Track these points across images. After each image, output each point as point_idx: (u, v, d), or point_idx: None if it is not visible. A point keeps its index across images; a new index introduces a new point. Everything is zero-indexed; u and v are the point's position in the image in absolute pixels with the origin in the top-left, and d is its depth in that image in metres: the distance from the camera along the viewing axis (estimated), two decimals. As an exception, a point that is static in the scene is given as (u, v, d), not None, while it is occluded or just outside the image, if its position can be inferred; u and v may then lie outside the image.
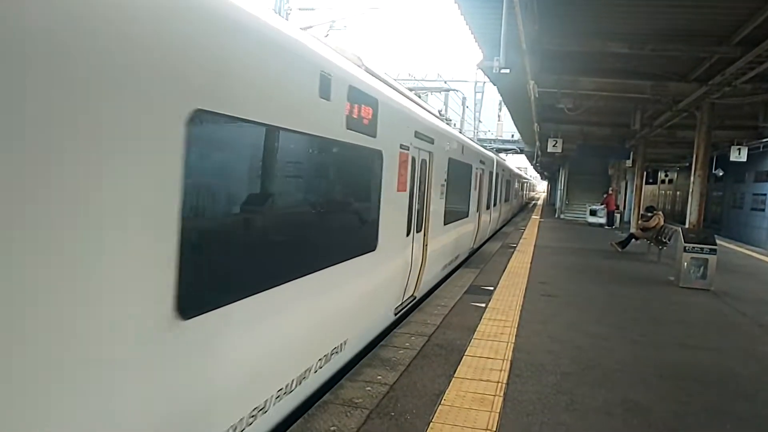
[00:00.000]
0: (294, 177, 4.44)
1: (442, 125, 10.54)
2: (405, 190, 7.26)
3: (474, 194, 13.97)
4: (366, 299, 6.08)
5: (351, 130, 5.07)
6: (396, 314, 7.54)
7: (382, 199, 6.23)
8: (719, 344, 7.19)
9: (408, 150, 7.28)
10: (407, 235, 7.61)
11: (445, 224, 10.14)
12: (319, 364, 4.83)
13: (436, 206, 9.24)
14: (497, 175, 19.71)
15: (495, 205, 19.71)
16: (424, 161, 8.24)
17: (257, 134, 3.65)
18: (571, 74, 12.54)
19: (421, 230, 8.41)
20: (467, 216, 13.12)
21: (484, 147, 22.40)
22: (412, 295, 8.32)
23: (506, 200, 25.98)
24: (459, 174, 11.44)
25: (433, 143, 8.62)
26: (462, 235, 12.51)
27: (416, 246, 8.07)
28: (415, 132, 7.61)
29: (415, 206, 7.84)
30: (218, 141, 3.32)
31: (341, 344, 5.35)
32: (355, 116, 5.18)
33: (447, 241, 10.74)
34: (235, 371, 3.44)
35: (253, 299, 3.60)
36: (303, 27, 11.62)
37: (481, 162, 15.13)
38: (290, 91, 3.95)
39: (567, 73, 12.48)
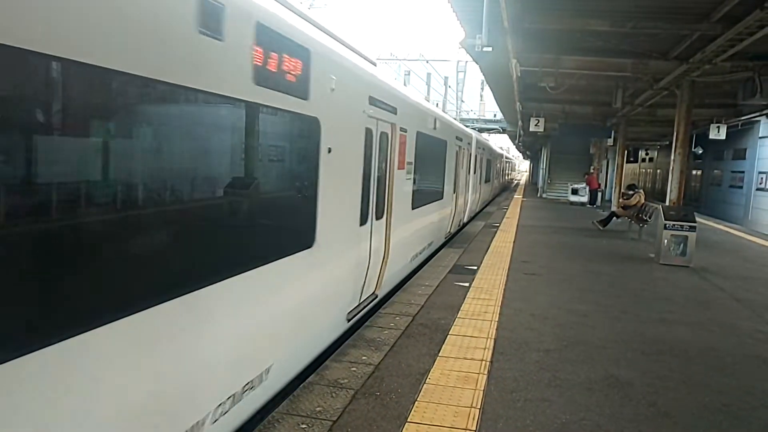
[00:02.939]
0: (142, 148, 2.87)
1: (410, 94, 9.24)
2: (357, 170, 6.05)
3: (450, 174, 12.91)
4: (299, 311, 4.76)
5: (263, 86, 3.74)
6: (350, 319, 6.27)
7: (320, 182, 4.89)
8: (698, 319, 7.31)
9: (361, 119, 6.07)
10: (363, 224, 6.38)
11: (413, 208, 9.13)
12: (219, 410, 3.52)
13: (402, 188, 8.12)
14: (477, 153, 18.69)
15: (475, 185, 18.69)
16: (384, 134, 7.01)
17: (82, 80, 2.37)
18: (553, 53, 12.52)
19: (382, 217, 7.22)
20: (441, 198, 12.16)
21: (467, 126, 21.63)
22: (373, 293, 7.21)
23: (487, 180, 24.82)
24: (431, 151, 10.30)
25: (395, 113, 7.37)
26: (436, 220, 11.60)
27: (375, 236, 6.91)
28: (371, 98, 6.30)
29: (373, 189, 6.66)
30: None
31: (261, 374, 4.10)
32: (270, 68, 3.82)
33: (416, 227, 9.66)
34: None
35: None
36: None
37: (459, 139, 14.05)
38: (137, 16, 2.61)
39: (549, 52, 12.46)
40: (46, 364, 2.26)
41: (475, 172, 18.35)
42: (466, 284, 8.39)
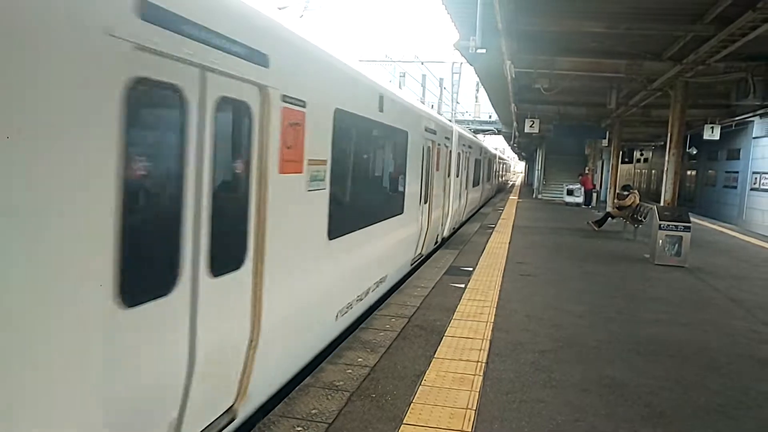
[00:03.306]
0: None
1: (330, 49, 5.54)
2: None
3: (415, 179, 9.58)
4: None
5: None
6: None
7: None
8: (693, 319, 7.34)
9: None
10: (168, 293, 3.09)
11: (334, 237, 5.61)
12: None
13: (292, 209, 4.64)
14: (461, 152, 15.40)
15: (458, 191, 15.27)
16: (237, 106, 3.72)
17: None
18: (547, 54, 12.53)
19: (235, 268, 3.75)
20: (401, 212, 8.74)
21: (474, 136, 21.18)
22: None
23: (476, 184, 20.95)
24: (375, 144, 7.42)
25: (266, 64, 3.93)
26: (390, 243, 8.26)
27: (208, 314, 3.41)
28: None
29: (204, 214, 3.35)
30: None
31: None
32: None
33: (343, 265, 6.11)
34: None
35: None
36: (279, 8, 11.43)
37: (430, 131, 10.81)
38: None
39: (543, 53, 12.47)
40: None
41: (458, 175, 15.07)
42: (462, 285, 8.40)
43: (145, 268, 2.95)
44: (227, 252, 3.66)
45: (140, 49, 2.68)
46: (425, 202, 10.66)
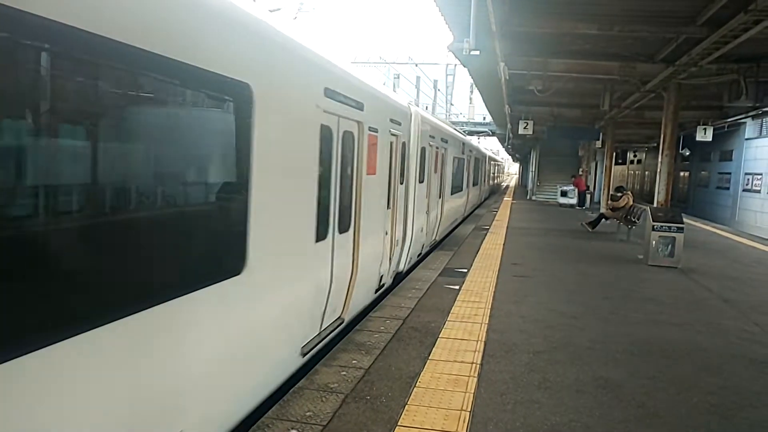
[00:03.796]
0: None
1: None
2: None
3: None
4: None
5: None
6: None
7: None
8: (687, 320, 7.37)
9: None
10: None
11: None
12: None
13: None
14: (431, 147, 11.51)
15: (425, 202, 11.33)
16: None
17: None
18: (541, 56, 12.58)
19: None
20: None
21: (455, 130, 19.65)
22: None
23: (457, 190, 16.94)
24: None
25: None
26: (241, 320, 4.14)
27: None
28: None
29: None
30: None
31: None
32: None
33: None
34: None
35: None
36: (271, 9, 11.40)
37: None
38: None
39: (537, 55, 12.52)
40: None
41: (422, 181, 10.85)
42: (457, 287, 8.40)
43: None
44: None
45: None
46: (345, 231, 6.23)
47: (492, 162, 39.16)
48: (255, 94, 3.75)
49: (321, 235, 5.36)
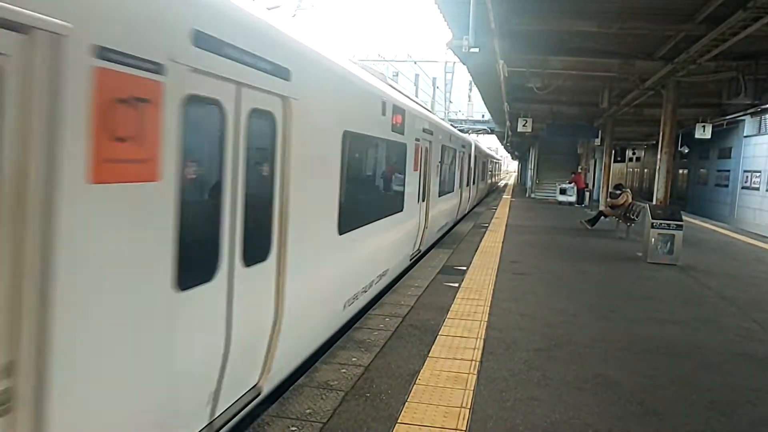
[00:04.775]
0: None
1: None
2: None
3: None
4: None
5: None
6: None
7: None
8: (686, 317, 7.38)
9: None
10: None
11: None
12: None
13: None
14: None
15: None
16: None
17: None
18: (539, 53, 12.57)
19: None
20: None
21: (455, 127, 19.65)
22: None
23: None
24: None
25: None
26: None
27: None
28: None
29: None
30: None
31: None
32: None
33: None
34: None
35: None
36: (269, 7, 11.38)
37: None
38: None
39: (536, 53, 12.51)
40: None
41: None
42: (456, 285, 8.41)
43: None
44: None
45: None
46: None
47: (487, 158, 33.37)
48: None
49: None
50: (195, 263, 3.25)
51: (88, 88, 2.37)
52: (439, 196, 13.06)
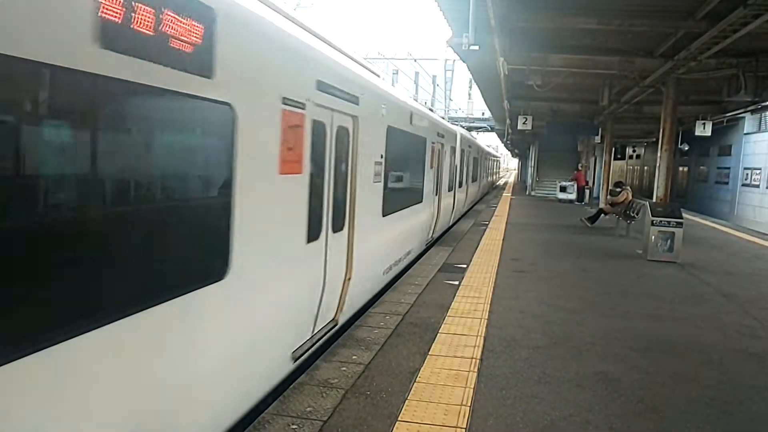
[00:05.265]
0: None
1: None
2: None
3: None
4: None
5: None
6: None
7: None
8: (685, 314, 7.38)
9: None
10: None
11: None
12: None
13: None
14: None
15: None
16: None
17: None
18: (540, 51, 12.56)
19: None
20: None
21: (455, 125, 19.28)
22: None
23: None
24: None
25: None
26: None
27: None
28: None
29: None
30: None
31: None
32: None
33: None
34: None
35: None
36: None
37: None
38: None
39: (536, 50, 12.49)
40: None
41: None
42: (456, 282, 8.41)
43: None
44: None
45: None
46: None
47: (484, 155, 29.23)
48: None
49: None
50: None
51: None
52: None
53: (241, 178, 3.65)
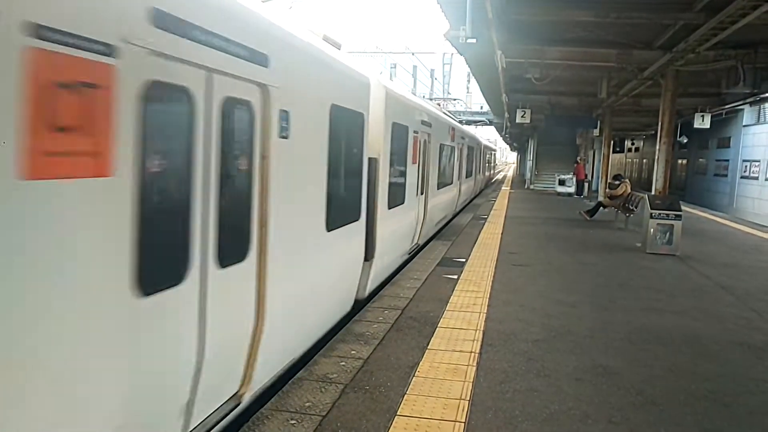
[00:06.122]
0: None
1: None
2: None
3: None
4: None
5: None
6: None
7: None
8: (685, 307, 7.38)
9: None
10: None
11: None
12: None
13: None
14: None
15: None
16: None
17: None
18: (537, 44, 12.53)
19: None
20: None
21: (454, 119, 19.14)
22: None
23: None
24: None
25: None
26: None
27: None
28: None
29: None
30: None
31: None
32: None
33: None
34: None
35: None
36: (264, 0, 11.28)
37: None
38: None
39: (534, 43, 12.46)
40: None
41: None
42: (455, 277, 8.40)
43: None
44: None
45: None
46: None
47: (469, 141, 22.11)
48: None
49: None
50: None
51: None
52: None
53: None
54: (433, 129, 11.95)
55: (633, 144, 43.40)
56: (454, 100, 44.96)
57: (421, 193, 11.10)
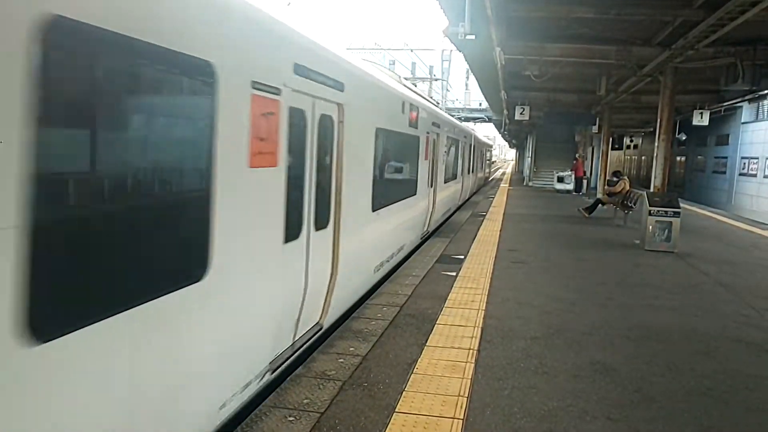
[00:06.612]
0: None
1: None
2: None
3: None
4: None
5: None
6: None
7: None
8: (683, 304, 7.38)
9: None
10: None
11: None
12: None
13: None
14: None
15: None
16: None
17: None
18: (536, 40, 12.51)
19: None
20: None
21: (452, 116, 19.21)
22: None
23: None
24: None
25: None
26: None
27: None
28: None
29: None
30: None
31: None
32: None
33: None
34: None
35: None
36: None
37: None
38: None
39: (533, 40, 12.44)
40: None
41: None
42: (454, 273, 8.40)
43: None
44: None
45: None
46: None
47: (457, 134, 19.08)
48: None
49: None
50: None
51: None
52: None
53: None
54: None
55: (632, 141, 43.34)
56: (436, 80, 44.16)
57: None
